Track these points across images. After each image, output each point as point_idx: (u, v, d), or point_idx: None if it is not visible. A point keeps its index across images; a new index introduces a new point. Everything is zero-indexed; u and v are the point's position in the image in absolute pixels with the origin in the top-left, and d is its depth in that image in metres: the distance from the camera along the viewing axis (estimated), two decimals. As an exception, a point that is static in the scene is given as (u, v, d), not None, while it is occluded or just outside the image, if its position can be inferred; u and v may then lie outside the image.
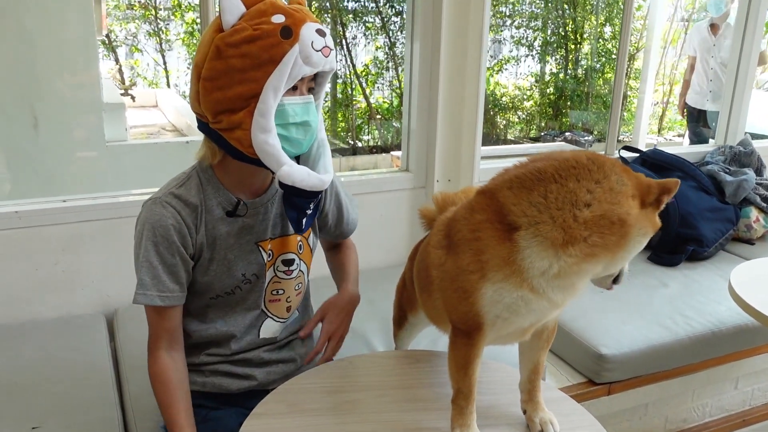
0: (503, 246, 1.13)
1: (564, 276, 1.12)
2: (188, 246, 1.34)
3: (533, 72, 7.87)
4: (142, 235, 1.33)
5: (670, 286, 2.48)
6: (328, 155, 1.39)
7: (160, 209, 1.32)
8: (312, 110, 1.30)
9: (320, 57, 1.24)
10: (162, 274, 1.33)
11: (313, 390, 1.40)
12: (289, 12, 1.23)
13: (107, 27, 5.79)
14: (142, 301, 1.34)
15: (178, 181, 1.36)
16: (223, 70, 1.23)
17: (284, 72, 1.21)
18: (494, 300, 1.14)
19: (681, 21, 7.83)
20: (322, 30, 1.25)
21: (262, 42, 1.21)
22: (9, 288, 2.07)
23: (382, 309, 2.01)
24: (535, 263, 1.12)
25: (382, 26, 6.72)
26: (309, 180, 1.28)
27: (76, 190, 2.23)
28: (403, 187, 2.68)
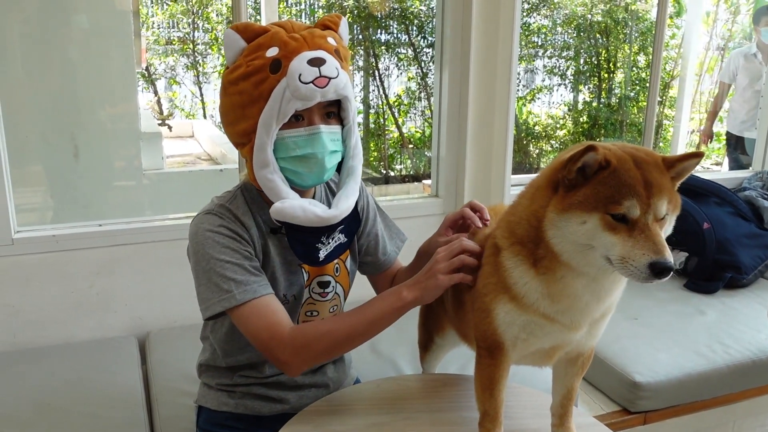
0: (499, 269, 1.14)
1: (557, 296, 1.10)
2: (250, 250, 1.29)
3: (566, 101, 7.84)
4: (203, 245, 1.26)
5: (708, 313, 2.42)
6: (350, 188, 1.32)
7: (217, 219, 1.28)
8: (319, 141, 1.25)
9: (311, 89, 1.19)
10: (244, 269, 1.24)
11: (340, 412, 1.39)
12: (284, 43, 1.21)
13: (146, 60, 5.98)
14: (241, 300, 1.22)
15: (224, 199, 1.34)
16: (229, 107, 1.27)
17: (273, 107, 1.20)
18: (508, 322, 1.14)
19: (717, 49, 7.74)
20: (318, 59, 1.20)
21: (254, 78, 1.21)
22: (45, 310, 2.12)
23: (410, 333, 1.99)
24: (520, 286, 1.12)
25: (414, 57, 6.79)
26: (303, 216, 1.24)
27: (113, 217, 2.28)
28: (432, 213, 2.69)
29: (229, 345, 1.43)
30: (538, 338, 1.15)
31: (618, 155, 1.02)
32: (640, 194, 0.99)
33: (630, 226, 0.98)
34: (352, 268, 1.52)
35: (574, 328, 1.13)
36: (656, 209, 1.00)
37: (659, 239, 0.98)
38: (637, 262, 0.97)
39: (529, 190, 1.14)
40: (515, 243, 1.13)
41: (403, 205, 2.70)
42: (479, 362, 1.23)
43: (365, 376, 1.71)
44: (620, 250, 0.98)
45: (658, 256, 0.96)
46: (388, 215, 1.62)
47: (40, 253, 2.08)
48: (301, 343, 1.23)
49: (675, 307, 2.46)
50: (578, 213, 1.01)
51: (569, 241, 1.04)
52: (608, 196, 0.99)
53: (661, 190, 1.01)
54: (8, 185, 2.04)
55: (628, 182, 0.99)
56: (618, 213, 0.98)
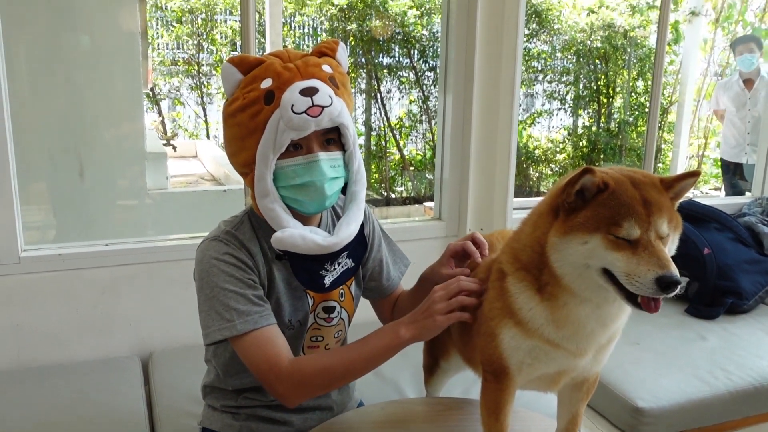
0: (505, 294, 1.15)
1: (561, 322, 1.11)
2: (255, 279, 1.30)
3: (566, 125, 7.89)
4: (208, 273, 1.27)
5: (709, 339, 2.42)
6: (353, 213, 1.32)
7: (222, 246, 1.29)
8: (318, 169, 1.25)
9: (304, 119, 1.20)
10: (247, 298, 1.25)
11: (343, 435, 1.39)
12: (277, 74, 1.23)
13: (152, 81, 6.02)
14: (242, 329, 1.23)
15: (231, 224, 1.35)
16: (230, 139, 1.30)
17: (269, 138, 1.22)
18: (513, 346, 1.15)
19: (714, 75, 7.82)
20: (310, 88, 1.21)
21: (250, 110, 1.23)
22: (50, 329, 2.12)
23: (414, 357, 1.98)
24: (525, 311, 1.13)
25: (416, 80, 6.86)
26: (303, 245, 1.24)
27: (117, 236, 2.30)
28: (435, 236, 2.70)
29: (233, 369, 1.43)
30: (543, 363, 1.16)
31: (615, 177, 1.05)
32: (639, 213, 1.01)
33: (633, 244, 1.00)
34: (356, 294, 1.53)
35: (579, 354, 1.14)
36: (657, 227, 1.01)
37: (664, 254, 1.00)
38: (643, 277, 0.98)
39: (532, 216, 1.16)
40: (520, 269, 1.14)
41: (406, 228, 2.72)
42: (485, 387, 1.24)
43: (369, 399, 1.71)
44: (624, 267, 1.00)
45: (664, 270, 0.97)
46: (392, 238, 1.62)
47: (47, 272, 2.09)
48: (299, 378, 1.24)
49: (676, 333, 2.47)
50: (579, 235, 1.03)
51: (569, 263, 1.05)
52: (608, 217, 1.01)
53: (660, 209, 1.02)
54: (17, 204, 2.05)
55: (626, 202, 1.02)
56: (620, 233, 1.00)
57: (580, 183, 1.03)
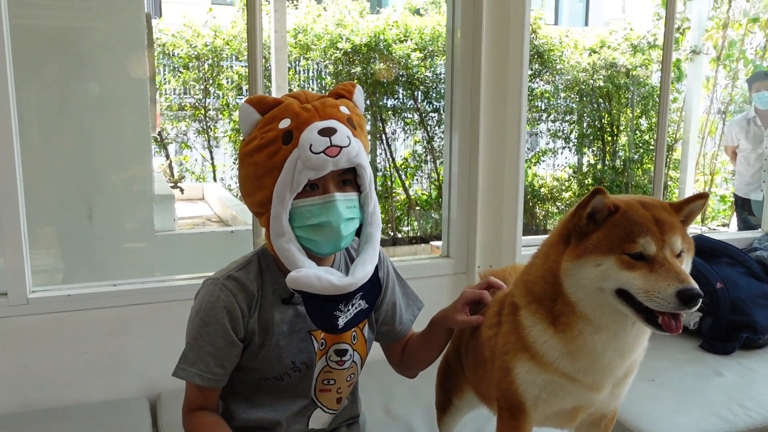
0: (519, 328, 1.14)
1: (576, 354, 1.09)
2: (239, 330, 1.33)
3: (571, 163, 7.93)
4: (195, 313, 1.35)
5: (725, 375, 2.38)
6: (368, 255, 1.32)
7: (217, 291, 1.33)
8: (334, 210, 1.26)
9: (323, 159, 1.21)
10: (207, 355, 1.33)
11: (356, 475, 1.36)
12: (296, 114, 1.24)
13: (160, 125, 6.10)
14: (181, 376, 1.35)
15: (238, 264, 1.38)
16: (246, 178, 1.31)
17: (286, 178, 1.22)
18: (528, 381, 1.14)
19: (718, 113, 7.89)
20: (328, 129, 1.23)
21: (268, 150, 1.24)
22: (57, 370, 2.10)
23: (425, 395, 1.97)
24: (539, 344, 1.12)
25: (420, 121, 6.92)
26: (319, 285, 1.24)
27: (125, 277, 2.29)
28: (444, 273, 2.69)
29: (238, 406, 1.43)
30: (559, 398, 1.14)
31: (625, 200, 1.06)
32: (653, 231, 1.01)
33: (649, 262, 1.00)
34: (369, 336, 1.51)
35: (596, 388, 1.12)
36: (672, 244, 1.02)
37: (681, 269, 1.00)
38: (663, 292, 0.97)
39: (543, 248, 1.16)
40: (533, 301, 1.13)
41: (414, 266, 2.71)
42: (500, 423, 1.22)
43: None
44: (642, 284, 0.99)
45: (684, 283, 0.97)
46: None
47: (55, 312, 2.08)
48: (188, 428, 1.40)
49: (692, 368, 2.42)
50: (593, 257, 1.03)
51: (583, 287, 1.05)
52: (622, 236, 1.01)
53: (672, 227, 1.03)
54: (26, 247, 2.06)
55: (639, 221, 1.02)
56: (635, 252, 1.00)
57: (591, 205, 1.04)
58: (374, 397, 2.12)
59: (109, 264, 3.25)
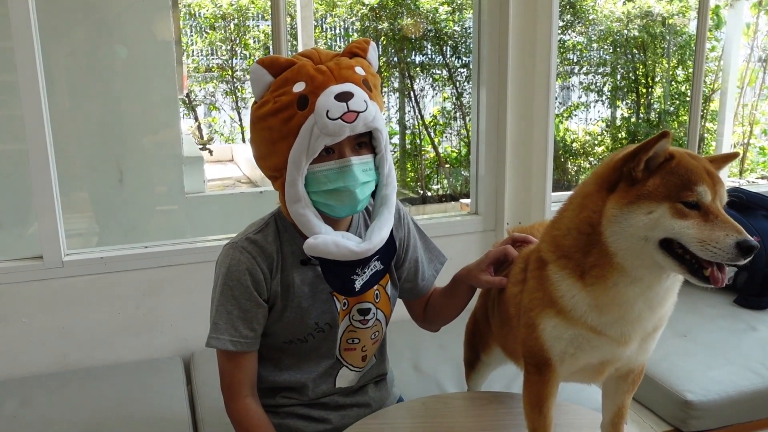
0: (546, 283, 1.13)
1: (607, 306, 1.08)
2: (263, 291, 1.34)
3: (603, 117, 7.75)
4: (218, 279, 1.35)
5: (760, 330, 2.34)
6: (384, 218, 1.31)
7: (237, 254, 1.32)
8: (351, 174, 1.24)
9: (339, 125, 1.18)
10: (236, 319, 1.33)
11: (386, 430, 1.38)
12: (311, 77, 1.20)
13: (187, 87, 6.12)
14: (215, 345, 1.34)
15: (256, 227, 1.37)
16: (260, 142, 1.28)
17: (303, 144, 1.20)
18: (555, 336, 1.13)
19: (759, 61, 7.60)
20: (345, 93, 1.19)
21: (282, 114, 1.21)
22: (94, 331, 2.16)
23: (454, 352, 1.97)
24: (567, 299, 1.10)
25: (449, 77, 6.82)
26: (337, 252, 1.24)
27: (157, 240, 2.32)
28: (472, 230, 2.67)
29: (265, 369, 1.45)
30: (586, 353, 1.13)
31: (676, 149, 1.04)
32: (707, 181, 1.01)
33: (702, 212, 0.99)
34: (393, 294, 1.51)
35: (623, 342, 1.10)
36: (722, 196, 1.02)
37: (733, 221, 0.99)
38: (721, 243, 0.96)
39: (575, 200, 1.13)
40: (562, 256, 1.12)
41: (443, 224, 2.70)
42: (527, 379, 1.21)
43: (409, 395, 1.70)
44: (697, 233, 0.98)
45: (742, 235, 0.96)
46: (428, 236, 1.60)
47: (89, 275, 2.13)
48: (234, 418, 1.38)
49: (725, 324, 2.39)
50: (646, 204, 1.01)
51: (628, 236, 1.03)
52: (680, 184, 1.00)
53: (720, 179, 1.03)
54: (58, 209, 2.09)
55: (696, 170, 1.01)
56: (692, 200, 0.99)
57: (654, 148, 1.02)
58: (403, 355, 2.14)
59: (140, 226, 3.30)
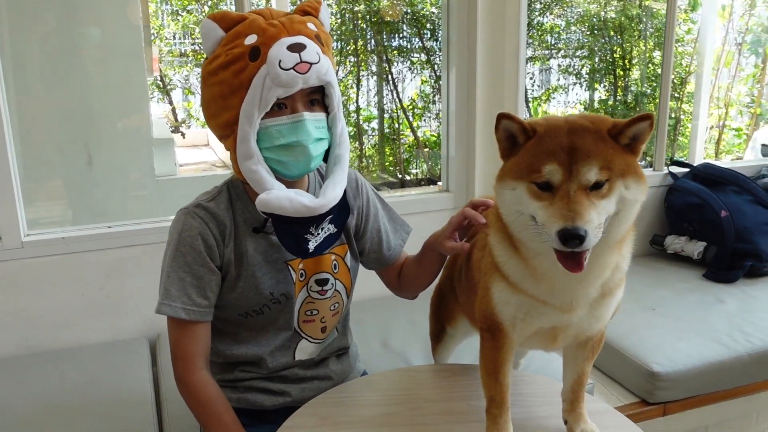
0: (489, 247, 1.13)
1: (536, 277, 1.07)
2: (215, 258, 1.32)
3: (582, 100, 7.77)
4: (170, 245, 1.32)
5: (728, 302, 2.36)
6: (338, 176, 1.30)
7: (189, 219, 1.30)
8: (304, 129, 1.22)
9: (292, 75, 1.17)
10: (189, 286, 1.30)
11: (346, 403, 1.37)
12: (262, 29, 1.19)
13: (159, 69, 6.03)
14: (166, 312, 1.30)
15: (208, 195, 1.35)
16: (210, 99, 1.25)
17: (255, 96, 1.17)
18: (503, 301, 1.13)
19: (734, 44, 7.65)
20: (298, 44, 1.18)
21: (233, 67, 1.19)
22: (56, 313, 2.12)
23: (422, 329, 1.96)
24: (503, 264, 1.10)
25: (427, 60, 6.78)
26: (290, 207, 1.21)
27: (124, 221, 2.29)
28: (443, 207, 2.66)
29: (222, 343, 1.43)
30: (535, 318, 1.12)
31: (549, 124, 1.01)
32: (561, 160, 0.96)
33: (553, 193, 0.97)
34: (353, 265, 1.50)
35: (567, 309, 1.09)
36: (581, 175, 0.95)
37: (576, 206, 0.93)
38: (548, 228, 0.95)
39: None
40: (498, 220, 1.11)
41: (415, 200, 2.69)
42: (483, 346, 1.20)
43: (376, 369, 1.69)
44: (541, 216, 0.97)
45: (566, 222, 0.92)
46: (396, 210, 1.59)
47: (51, 255, 2.09)
48: (189, 390, 1.33)
49: (694, 297, 2.41)
50: (509, 181, 1.01)
51: (506, 209, 1.04)
52: (530, 164, 0.99)
53: (588, 155, 0.96)
54: (17, 188, 2.05)
55: (549, 149, 0.98)
56: (540, 181, 0.97)
57: (500, 129, 1.03)
58: (372, 332, 2.13)
59: (111, 210, 3.25)
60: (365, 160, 6.84)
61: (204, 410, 1.33)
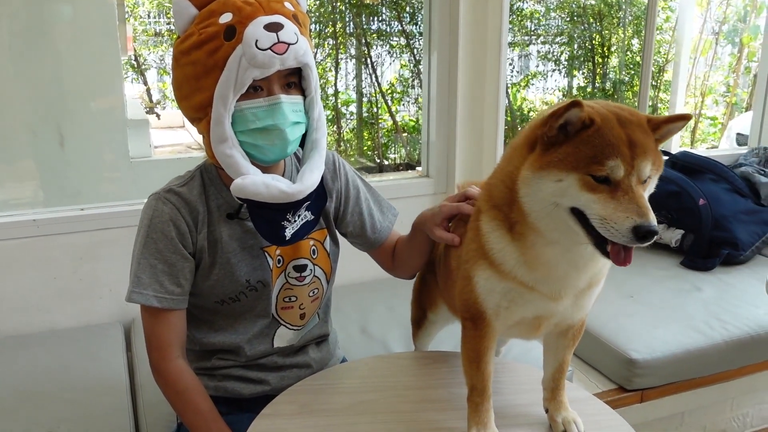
0: (478, 234, 1.10)
1: (532, 264, 1.05)
2: (188, 244, 1.28)
3: (560, 87, 7.79)
4: (141, 231, 1.28)
5: (705, 290, 2.38)
6: (315, 161, 1.25)
7: (161, 205, 1.26)
8: (280, 112, 1.18)
9: (269, 56, 1.12)
10: (160, 273, 1.26)
11: (325, 391, 1.35)
12: (238, 8, 1.14)
13: (133, 49, 5.91)
14: (137, 300, 1.26)
15: (181, 180, 1.31)
16: (182, 79, 1.20)
17: (230, 77, 1.13)
18: (488, 289, 1.11)
19: (711, 33, 7.71)
20: (275, 24, 1.13)
21: (207, 46, 1.14)
22: (27, 297, 2.07)
23: (402, 315, 1.95)
24: (497, 251, 1.08)
25: (406, 44, 6.74)
26: (266, 193, 1.17)
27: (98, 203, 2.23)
28: (423, 193, 2.65)
29: (198, 331, 1.40)
30: (520, 307, 1.11)
31: (602, 114, 0.97)
32: (624, 155, 0.95)
33: (612, 186, 0.94)
34: (332, 250, 1.47)
35: (555, 298, 1.08)
36: (640, 171, 0.95)
37: (643, 202, 0.94)
38: (619, 224, 0.92)
39: (507, 150, 1.11)
40: (493, 206, 1.09)
41: (395, 186, 2.68)
42: (464, 334, 1.19)
43: (355, 357, 1.67)
44: (600, 210, 0.94)
45: (642, 219, 0.92)
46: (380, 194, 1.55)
47: (21, 238, 2.03)
48: (164, 380, 1.30)
49: (671, 285, 2.43)
50: (555, 172, 0.97)
51: (538, 200, 1.00)
52: (591, 156, 0.95)
53: (645, 151, 0.96)
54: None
55: (612, 142, 0.95)
56: (601, 174, 0.94)
57: (564, 117, 0.96)
58: (351, 318, 2.11)
59: (84, 192, 3.18)
60: (343, 144, 6.80)
61: (180, 399, 1.30)
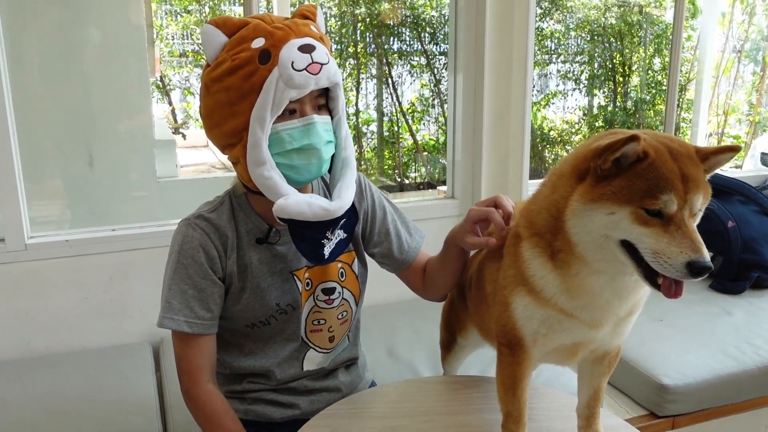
0: (518, 260, 1.09)
1: (574, 292, 1.05)
2: (217, 270, 1.29)
3: (581, 105, 7.77)
4: (171, 257, 1.29)
5: (735, 314, 2.34)
6: (349, 178, 1.27)
7: (190, 231, 1.28)
8: (315, 132, 1.20)
9: (305, 76, 1.15)
10: (191, 299, 1.27)
11: (355, 416, 1.35)
12: (269, 33, 1.16)
13: (160, 70, 6.00)
14: (168, 326, 1.27)
15: (210, 206, 1.33)
16: (214, 107, 1.21)
17: (267, 100, 1.14)
18: (527, 316, 1.10)
19: (733, 51, 7.67)
20: (308, 45, 1.16)
21: (242, 71, 1.15)
22: (59, 316, 2.10)
23: (429, 338, 1.95)
24: (538, 279, 1.07)
25: (426, 64, 6.77)
26: (309, 211, 1.18)
27: (128, 224, 2.26)
28: (449, 215, 2.65)
29: (229, 355, 1.41)
30: (558, 334, 1.10)
31: (655, 147, 0.97)
32: (677, 189, 0.94)
33: (665, 220, 0.93)
34: (360, 272, 1.47)
35: (595, 325, 1.08)
36: (692, 204, 0.95)
37: (696, 236, 0.93)
38: (673, 259, 0.91)
39: (551, 178, 1.09)
40: (535, 234, 1.08)
41: (419, 207, 2.67)
42: (501, 360, 1.18)
43: (383, 380, 1.67)
44: (653, 244, 0.93)
45: (696, 255, 0.91)
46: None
47: (54, 258, 2.06)
48: (195, 404, 1.32)
49: (701, 308, 2.39)
50: (608, 204, 0.96)
51: (588, 231, 0.99)
52: (645, 189, 0.94)
53: (697, 185, 0.95)
54: (21, 190, 2.02)
55: (666, 176, 0.94)
56: (654, 208, 0.93)
57: (622, 151, 0.95)
58: (378, 340, 2.11)
59: (112, 212, 3.23)
60: (364, 164, 6.83)
61: (210, 423, 1.31)
